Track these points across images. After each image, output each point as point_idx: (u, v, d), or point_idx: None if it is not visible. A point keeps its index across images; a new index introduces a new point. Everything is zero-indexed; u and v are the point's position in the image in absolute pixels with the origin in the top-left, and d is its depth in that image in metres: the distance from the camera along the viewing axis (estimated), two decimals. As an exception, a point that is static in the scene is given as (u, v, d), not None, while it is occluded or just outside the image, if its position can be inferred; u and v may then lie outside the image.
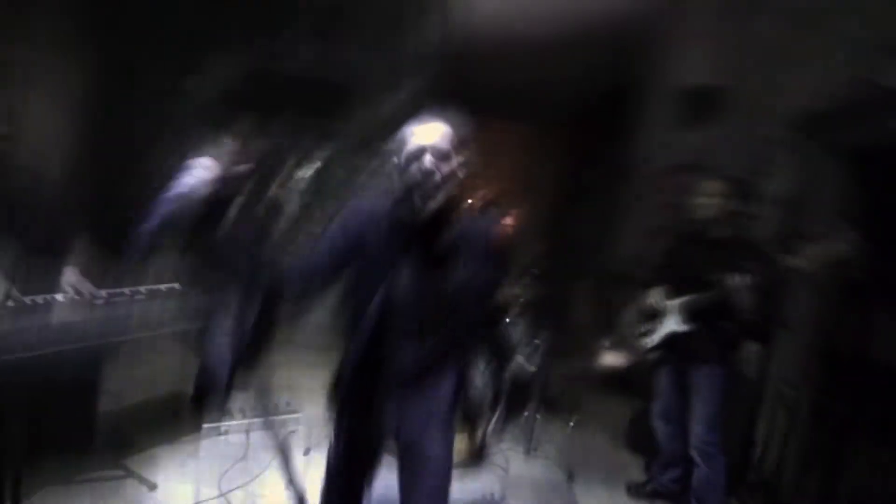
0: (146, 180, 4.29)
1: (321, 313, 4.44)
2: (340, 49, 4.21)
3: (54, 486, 2.04)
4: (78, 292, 1.94)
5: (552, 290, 3.60)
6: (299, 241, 3.51)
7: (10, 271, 1.79)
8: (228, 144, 2.84)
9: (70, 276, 1.98)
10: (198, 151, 3.40)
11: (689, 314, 2.15)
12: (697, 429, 2.14)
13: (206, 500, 2.13)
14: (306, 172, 4.23)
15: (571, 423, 3.37)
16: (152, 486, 2.17)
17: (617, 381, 4.24)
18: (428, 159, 1.28)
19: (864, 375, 2.13)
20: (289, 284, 1.51)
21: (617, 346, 4.37)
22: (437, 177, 1.28)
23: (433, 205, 1.29)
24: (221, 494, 2.18)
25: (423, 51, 4.27)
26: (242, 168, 2.82)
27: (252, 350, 3.26)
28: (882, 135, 2.12)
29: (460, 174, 1.36)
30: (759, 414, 2.61)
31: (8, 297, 1.74)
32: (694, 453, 2.15)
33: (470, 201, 2.61)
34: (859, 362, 2.20)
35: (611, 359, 4.34)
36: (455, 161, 1.33)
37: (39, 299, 1.83)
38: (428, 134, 1.33)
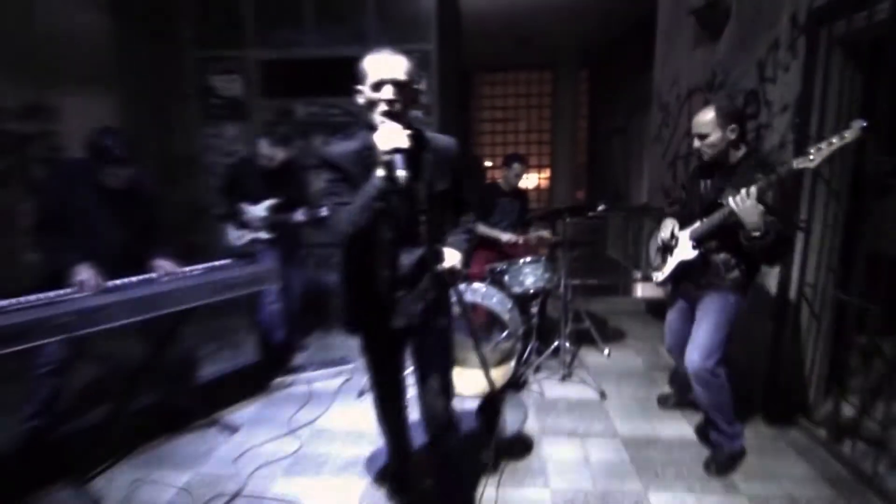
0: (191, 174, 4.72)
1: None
2: (348, 27, 4.37)
3: (152, 439, 2.47)
4: (169, 272, 2.32)
5: (582, 229, 3.68)
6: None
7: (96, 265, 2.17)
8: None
9: (158, 262, 2.36)
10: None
11: (697, 240, 2.14)
12: (693, 355, 2.11)
13: (279, 437, 2.50)
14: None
15: (606, 352, 3.54)
16: (234, 430, 2.57)
17: (651, 308, 4.33)
18: (389, 90, 1.42)
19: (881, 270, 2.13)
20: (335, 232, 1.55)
21: (648, 278, 4.44)
22: (398, 106, 1.43)
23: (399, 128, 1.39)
24: (291, 431, 2.55)
25: (429, 13, 4.34)
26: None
27: (303, 313, 3.64)
28: (876, 22, 2.07)
29: (419, 100, 1.49)
30: (785, 317, 2.66)
31: (99, 284, 2.13)
32: (692, 379, 2.15)
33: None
34: (876, 258, 2.20)
35: (645, 290, 4.44)
36: (414, 88, 1.47)
37: (120, 282, 2.20)
38: (387, 67, 1.43)
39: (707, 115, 2.07)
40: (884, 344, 2.36)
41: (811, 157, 1.77)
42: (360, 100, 1.50)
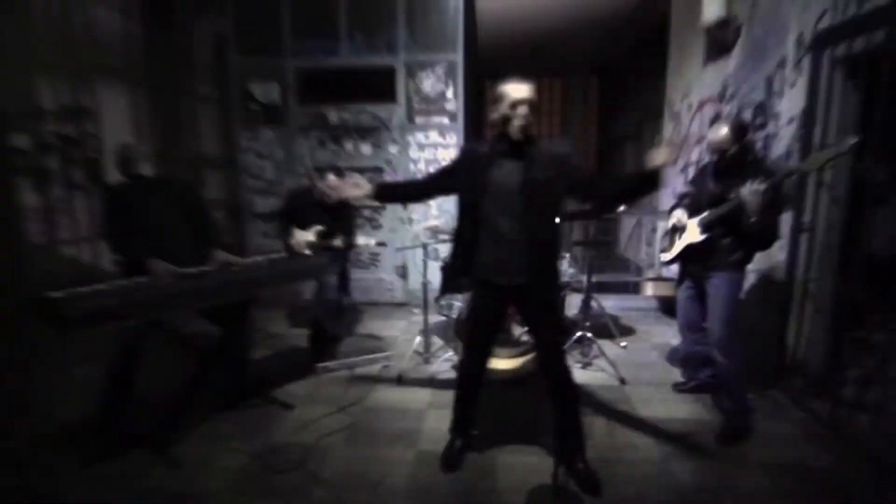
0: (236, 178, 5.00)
1: (396, 278, 5.05)
2: (379, 38, 4.66)
3: (219, 412, 2.75)
4: (228, 264, 2.58)
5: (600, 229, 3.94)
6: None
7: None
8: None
9: (218, 255, 2.63)
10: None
11: (704, 227, 2.48)
12: (714, 327, 2.48)
13: (332, 413, 2.76)
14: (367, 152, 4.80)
15: (623, 344, 3.81)
16: (291, 408, 2.83)
17: (662, 306, 4.60)
18: (522, 108, 1.94)
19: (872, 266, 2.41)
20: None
21: (660, 277, 4.71)
22: (528, 116, 1.96)
23: (525, 133, 1.97)
24: (342, 409, 2.81)
25: (456, 26, 4.61)
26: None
27: (351, 307, 3.91)
28: (873, 45, 2.35)
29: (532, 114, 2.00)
30: (790, 309, 2.92)
31: (174, 273, 2.39)
32: (713, 349, 2.50)
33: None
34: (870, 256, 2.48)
35: (656, 289, 4.70)
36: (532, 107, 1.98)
37: (197, 271, 2.47)
38: (520, 90, 1.96)
39: (722, 132, 2.43)
40: (878, 335, 2.63)
41: (807, 163, 2.10)
42: (494, 115, 2.02)
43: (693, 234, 2.53)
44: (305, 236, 3.31)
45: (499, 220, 2.03)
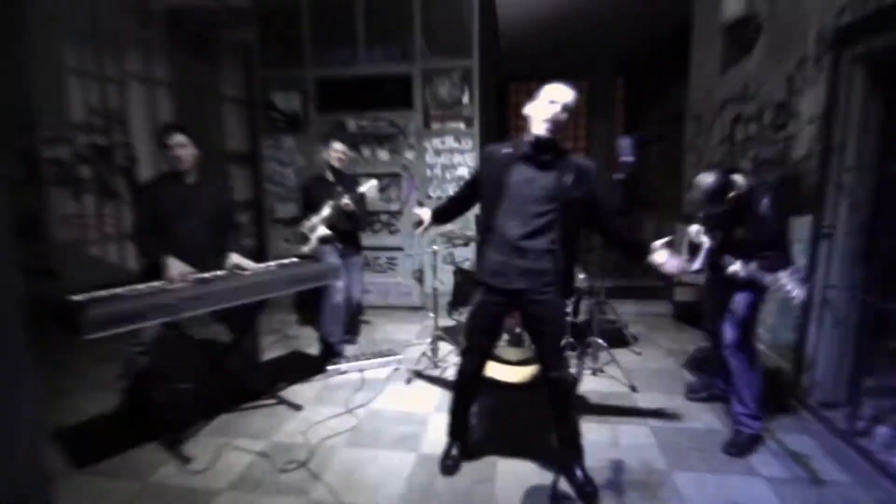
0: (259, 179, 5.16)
1: (413, 282, 5.10)
2: (396, 47, 4.73)
3: (229, 412, 2.84)
4: (239, 268, 2.67)
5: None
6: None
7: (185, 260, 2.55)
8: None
9: (233, 259, 2.73)
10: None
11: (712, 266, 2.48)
12: (728, 327, 2.45)
13: (338, 415, 2.81)
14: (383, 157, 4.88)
15: (638, 351, 3.73)
16: (299, 408, 2.90)
17: (679, 313, 4.47)
18: (555, 106, 1.92)
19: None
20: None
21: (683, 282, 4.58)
22: (560, 118, 1.93)
23: (552, 134, 1.93)
24: (348, 410, 2.86)
25: (471, 32, 4.63)
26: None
27: (358, 307, 3.98)
28: (892, 45, 2.23)
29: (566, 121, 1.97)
30: (809, 317, 2.80)
31: (189, 275, 2.50)
32: (725, 352, 2.46)
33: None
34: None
35: (681, 294, 4.58)
36: (567, 113, 1.95)
37: (209, 275, 2.57)
38: (560, 90, 1.95)
39: (693, 193, 2.47)
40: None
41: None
42: (527, 107, 2.01)
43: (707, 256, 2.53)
44: (320, 215, 3.41)
45: (507, 224, 2.02)
